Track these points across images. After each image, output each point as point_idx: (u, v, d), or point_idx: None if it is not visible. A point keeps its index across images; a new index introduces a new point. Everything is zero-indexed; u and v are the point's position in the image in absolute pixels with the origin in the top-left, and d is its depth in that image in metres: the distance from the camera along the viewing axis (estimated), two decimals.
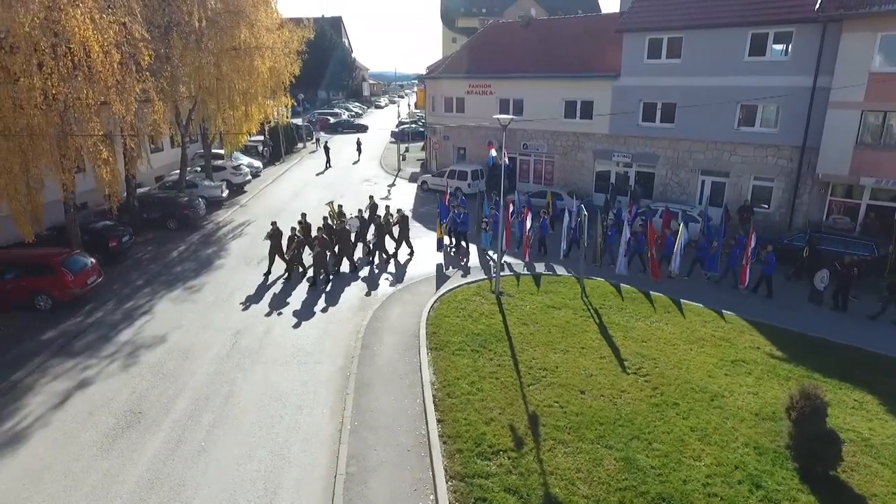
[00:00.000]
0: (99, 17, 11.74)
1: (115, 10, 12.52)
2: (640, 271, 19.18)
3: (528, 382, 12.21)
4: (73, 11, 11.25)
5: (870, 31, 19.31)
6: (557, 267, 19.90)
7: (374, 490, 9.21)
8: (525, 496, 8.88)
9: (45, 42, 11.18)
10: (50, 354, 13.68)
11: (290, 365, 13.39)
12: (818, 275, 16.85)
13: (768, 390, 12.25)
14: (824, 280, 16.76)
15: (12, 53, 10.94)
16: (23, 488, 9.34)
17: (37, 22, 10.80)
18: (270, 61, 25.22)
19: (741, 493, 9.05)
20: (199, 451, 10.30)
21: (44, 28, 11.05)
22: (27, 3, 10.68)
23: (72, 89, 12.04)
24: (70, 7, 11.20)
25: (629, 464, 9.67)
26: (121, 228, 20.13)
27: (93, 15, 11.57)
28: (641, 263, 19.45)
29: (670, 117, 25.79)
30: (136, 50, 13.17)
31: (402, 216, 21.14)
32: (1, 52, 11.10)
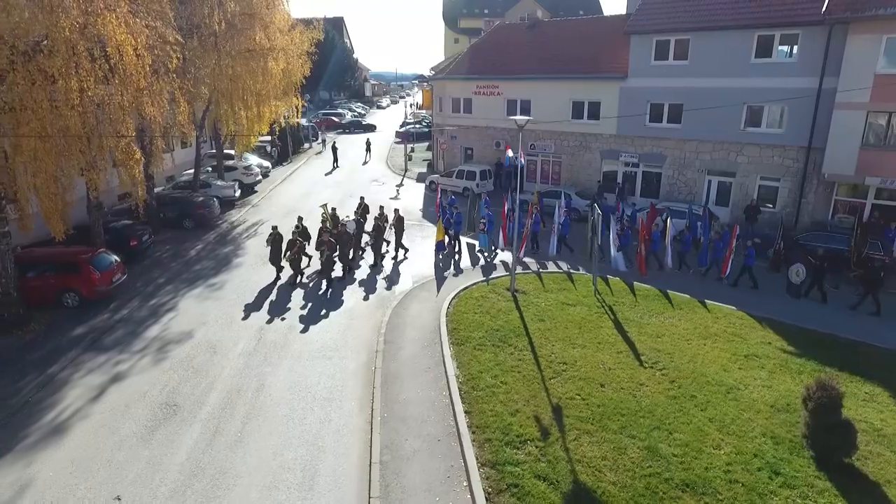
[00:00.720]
0: (133, 21, 12.12)
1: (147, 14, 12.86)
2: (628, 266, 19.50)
3: (549, 376, 12.59)
4: (109, 16, 11.61)
5: (875, 33, 19.73)
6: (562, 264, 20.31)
7: (409, 477, 9.59)
8: (555, 482, 9.26)
9: (82, 46, 11.54)
10: (82, 349, 14.05)
11: (315, 359, 13.76)
12: (792, 268, 17.57)
13: (781, 383, 12.63)
14: (800, 274, 17.43)
15: (51, 56, 11.28)
16: (70, 476, 9.70)
17: (76, 26, 11.17)
18: (284, 62, 25.61)
19: (761, 480, 9.43)
20: (236, 441, 10.67)
21: (81, 32, 11.41)
22: (67, 9, 11.05)
23: (107, 91, 12.40)
24: (106, 12, 11.56)
25: (652, 452, 10.05)
26: (141, 228, 20.50)
27: (127, 19, 11.94)
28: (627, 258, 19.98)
29: (677, 118, 26.18)
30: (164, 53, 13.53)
31: (398, 217, 21.14)
32: (40, 56, 11.44)
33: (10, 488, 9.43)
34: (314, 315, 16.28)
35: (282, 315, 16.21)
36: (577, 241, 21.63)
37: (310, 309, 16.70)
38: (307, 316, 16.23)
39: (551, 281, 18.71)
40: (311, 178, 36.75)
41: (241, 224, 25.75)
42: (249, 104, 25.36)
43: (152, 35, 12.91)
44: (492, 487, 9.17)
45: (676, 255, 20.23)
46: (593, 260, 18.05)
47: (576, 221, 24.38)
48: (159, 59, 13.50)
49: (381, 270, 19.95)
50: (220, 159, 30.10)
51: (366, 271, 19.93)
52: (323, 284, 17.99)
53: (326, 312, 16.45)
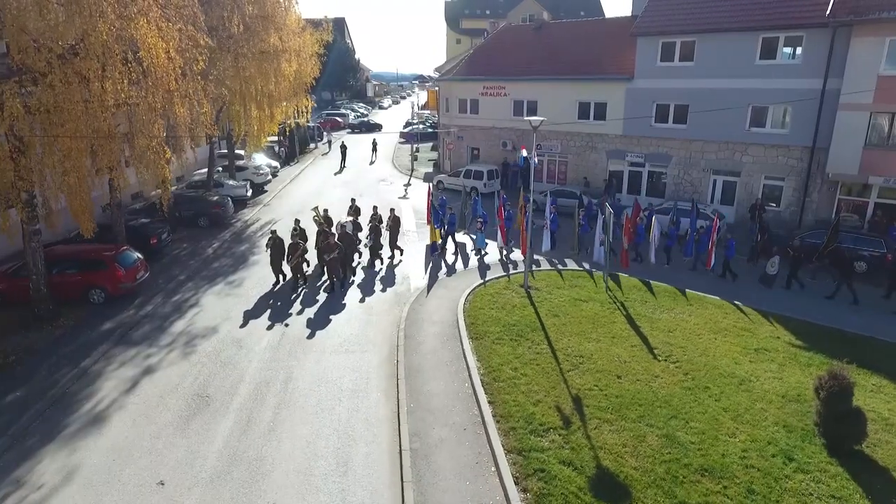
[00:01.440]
0: (166, 25, 12.52)
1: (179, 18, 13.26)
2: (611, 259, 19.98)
3: (567, 368, 13.01)
4: (142, 20, 12.01)
5: (879, 36, 20.21)
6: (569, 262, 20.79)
7: (439, 463, 10.01)
8: (579, 467, 9.69)
9: (116, 49, 11.94)
10: (112, 343, 14.45)
11: (338, 354, 14.18)
12: (770, 260, 18.32)
13: (791, 376, 13.07)
14: (775, 265, 18.25)
15: (87, 59, 11.68)
16: (114, 463, 10.11)
17: (112, 31, 11.57)
18: (296, 64, 26.01)
19: (776, 465, 9.87)
20: (269, 430, 11.08)
21: (116, 36, 11.81)
22: (104, 14, 11.44)
23: (139, 93, 12.80)
24: (140, 16, 11.96)
25: (670, 440, 10.48)
26: (159, 226, 20.90)
27: (160, 23, 12.34)
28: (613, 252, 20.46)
29: (683, 118, 26.65)
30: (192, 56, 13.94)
31: (393, 217, 21.00)
32: (76, 58, 11.84)
33: (58, 473, 9.84)
34: (333, 311, 16.68)
35: (302, 311, 16.60)
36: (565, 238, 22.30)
37: (328, 305, 17.10)
38: (326, 311, 16.63)
39: (563, 278, 19.13)
40: (319, 177, 37.16)
41: (255, 223, 26.17)
42: (262, 105, 25.76)
43: (183, 38, 13.31)
44: (519, 472, 9.59)
45: (662, 249, 20.82)
46: (606, 257, 18.49)
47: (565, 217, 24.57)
48: (188, 62, 13.90)
49: (378, 272, 19.87)
50: (231, 159, 30.51)
51: (360, 274, 19.73)
52: (331, 286, 18.01)
53: (345, 309, 16.85)
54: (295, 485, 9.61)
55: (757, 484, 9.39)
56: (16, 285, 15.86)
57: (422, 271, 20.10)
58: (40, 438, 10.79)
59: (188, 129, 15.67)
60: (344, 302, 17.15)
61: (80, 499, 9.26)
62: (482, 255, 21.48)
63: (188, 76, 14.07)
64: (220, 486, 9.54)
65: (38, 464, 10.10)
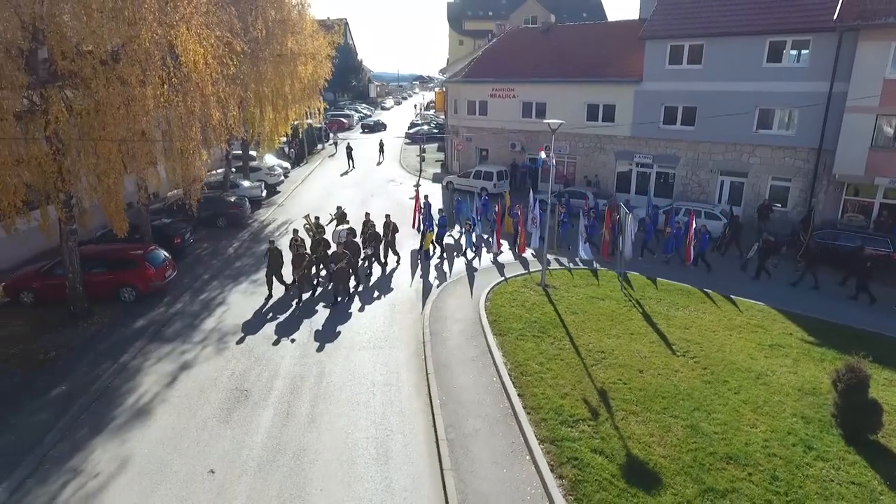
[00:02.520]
0: (205, 32, 12.97)
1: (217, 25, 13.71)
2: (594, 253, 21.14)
3: (591, 363, 13.49)
4: (182, 27, 12.46)
5: (885, 40, 20.70)
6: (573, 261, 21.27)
7: (475, 452, 10.48)
8: (610, 455, 10.16)
9: (157, 55, 12.39)
10: (147, 340, 14.89)
11: (367, 350, 14.63)
12: (751, 247, 20.32)
13: (805, 370, 13.56)
14: (753, 251, 20.16)
15: (130, 65, 12.12)
16: (164, 452, 10.56)
17: (154, 38, 12.02)
18: (312, 67, 26.47)
19: (797, 454, 10.35)
20: (309, 422, 11.54)
21: (157, 43, 12.26)
22: (146, 21, 11.88)
23: (178, 97, 13.24)
24: (181, 23, 12.40)
25: (695, 430, 10.96)
26: (183, 226, 21.33)
27: (200, 31, 12.78)
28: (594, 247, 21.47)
29: (691, 120, 27.12)
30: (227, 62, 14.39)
31: (388, 223, 20.59)
32: (118, 64, 12.27)
33: (112, 462, 10.28)
34: (357, 308, 17.13)
35: (327, 308, 17.04)
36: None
37: (352, 303, 17.54)
38: (351, 309, 17.07)
39: (577, 276, 19.60)
40: (329, 178, 37.58)
41: (272, 223, 26.62)
42: (277, 106, 26.20)
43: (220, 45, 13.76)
44: (553, 460, 10.06)
45: (639, 243, 21.73)
46: (620, 257, 18.98)
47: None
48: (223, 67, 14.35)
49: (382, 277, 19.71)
50: (246, 160, 30.94)
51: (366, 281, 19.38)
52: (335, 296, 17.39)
53: (369, 306, 17.30)
54: (339, 473, 10.07)
55: (780, 471, 9.87)
56: (49, 284, 16.28)
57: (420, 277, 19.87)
58: (89, 430, 11.23)
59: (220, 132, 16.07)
60: (350, 311, 17.06)
61: (136, 486, 9.71)
62: (471, 260, 21.40)
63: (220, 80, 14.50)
64: (269, 474, 9.99)
65: (91, 454, 10.55)
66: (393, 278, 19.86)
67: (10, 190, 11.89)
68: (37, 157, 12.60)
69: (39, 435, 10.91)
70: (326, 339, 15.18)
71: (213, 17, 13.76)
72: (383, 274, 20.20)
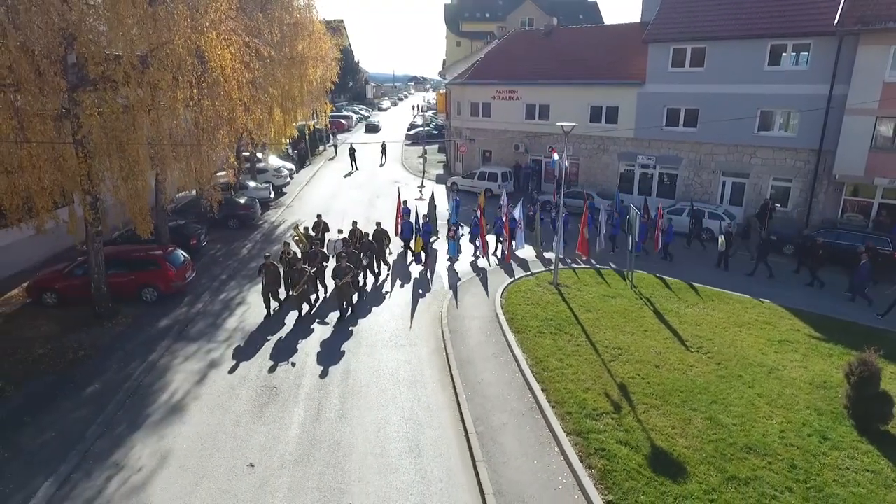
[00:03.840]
0: (234, 38, 13.27)
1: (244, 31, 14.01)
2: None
3: (608, 359, 13.91)
4: (212, 34, 12.76)
5: (884, 44, 21.28)
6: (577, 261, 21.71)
7: (505, 444, 10.86)
8: (635, 447, 10.57)
9: (188, 60, 12.69)
10: (172, 339, 15.17)
11: (388, 348, 14.99)
12: (720, 240, 21.54)
13: (815, 365, 14.03)
14: (722, 246, 21.30)
15: (161, 70, 12.41)
16: (203, 447, 10.86)
17: (187, 44, 12.31)
18: (322, 69, 26.78)
19: (812, 443, 10.80)
20: (340, 417, 11.87)
21: (188, 48, 12.56)
22: (179, 27, 12.18)
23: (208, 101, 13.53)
24: (211, 29, 12.71)
25: (714, 422, 11.39)
26: (198, 227, 21.58)
27: (228, 36, 13.09)
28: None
29: (693, 122, 27.65)
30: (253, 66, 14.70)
31: (379, 230, 20.10)
32: (149, 69, 12.56)
33: (153, 457, 10.58)
34: (375, 306, 17.47)
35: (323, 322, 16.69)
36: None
37: (369, 301, 17.87)
38: (368, 307, 17.41)
39: (585, 276, 20.04)
40: (333, 180, 37.86)
41: (282, 224, 26.89)
42: (286, 108, 26.46)
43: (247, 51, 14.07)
44: (582, 452, 10.46)
45: (609, 238, 22.91)
46: (629, 256, 19.44)
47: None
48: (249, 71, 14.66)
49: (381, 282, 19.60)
50: (253, 162, 31.17)
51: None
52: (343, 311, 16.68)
53: (387, 304, 17.64)
54: (375, 465, 10.41)
55: (798, 460, 10.31)
56: (71, 285, 16.52)
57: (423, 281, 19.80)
58: (127, 426, 11.51)
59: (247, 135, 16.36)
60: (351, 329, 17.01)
61: (179, 480, 10.01)
62: (453, 264, 21.24)
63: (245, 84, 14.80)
64: (307, 467, 10.32)
65: (132, 449, 10.83)
66: (396, 284, 19.65)
67: (46, 191, 12.14)
68: (67, 159, 12.86)
69: (79, 431, 11.18)
70: (349, 336, 15.50)
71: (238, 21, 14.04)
72: (379, 282, 19.66)
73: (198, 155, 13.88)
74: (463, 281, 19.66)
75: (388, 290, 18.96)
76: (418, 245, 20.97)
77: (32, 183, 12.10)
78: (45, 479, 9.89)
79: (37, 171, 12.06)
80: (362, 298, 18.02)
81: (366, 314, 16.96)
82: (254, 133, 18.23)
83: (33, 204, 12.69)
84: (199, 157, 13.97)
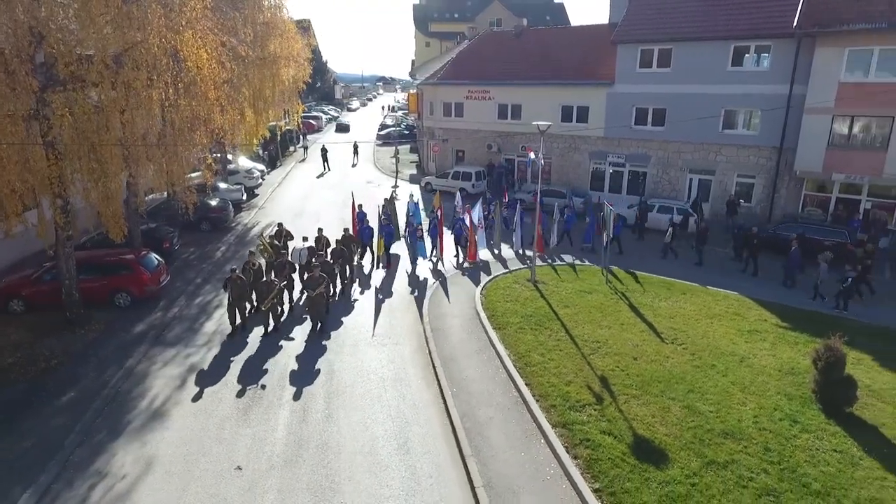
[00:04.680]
0: (211, 37, 13.08)
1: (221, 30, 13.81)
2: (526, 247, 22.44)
3: (588, 352, 14.24)
4: (188, 33, 12.56)
5: (840, 46, 22.31)
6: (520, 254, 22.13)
7: (492, 438, 11.04)
8: (618, 436, 10.88)
9: (164, 59, 12.46)
10: (149, 345, 14.86)
11: (372, 347, 15.01)
12: (668, 233, 22.53)
13: (783, 353, 14.65)
14: (668, 237, 22.39)
15: (136, 69, 12.16)
16: (187, 452, 10.71)
17: (163, 43, 12.09)
18: (294, 69, 26.53)
19: (784, 427, 11.30)
20: (326, 417, 11.86)
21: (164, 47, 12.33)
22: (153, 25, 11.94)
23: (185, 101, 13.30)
24: (187, 28, 12.50)
25: (691, 410, 11.80)
26: (170, 230, 21.13)
27: (205, 35, 12.89)
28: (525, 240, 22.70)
29: (661, 121, 28.43)
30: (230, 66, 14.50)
31: (347, 237, 19.26)
32: (124, 69, 12.28)
33: (137, 463, 10.39)
34: (355, 307, 17.44)
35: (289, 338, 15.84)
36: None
37: (349, 301, 17.83)
38: (349, 308, 17.37)
39: (561, 272, 20.42)
40: (305, 181, 37.53)
41: (255, 225, 26.55)
42: (258, 108, 26.12)
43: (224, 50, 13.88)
44: (567, 442, 10.71)
45: (561, 232, 23.48)
46: (604, 252, 19.90)
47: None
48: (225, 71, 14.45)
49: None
50: (224, 163, 30.65)
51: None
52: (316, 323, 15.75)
53: (368, 305, 17.63)
54: (365, 464, 10.45)
55: (771, 443, 10.77)
56: (40, 291, 16.03)
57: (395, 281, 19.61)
58: (108, 434, 11.26)
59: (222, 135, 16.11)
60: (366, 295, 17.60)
61: (165, 485, 9.86)
62: (415, 267, 20.80)
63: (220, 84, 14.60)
64: (296, 468, 10.29)
65: (113, 457, 10.61)
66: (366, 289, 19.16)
67: (15, 194, 11.76)
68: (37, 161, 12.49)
69: (58, 440, 10.89)
70: (329, 336, 15.44)
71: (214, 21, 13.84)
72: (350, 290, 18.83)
73: (174, 155, 13.63)
74: (435, 282, 19.77)
75: (356, 297, 18.39)
76: (380, 247, 20.51)
77: (1, 186, 11.71)
78: (24, 489, 9.61)
79: (6, 174, 11.67)
80: (328, 311, 16.61)
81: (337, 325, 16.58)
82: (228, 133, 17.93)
83: (1, 207, 12.27)
84: (175, 157, 13.71)
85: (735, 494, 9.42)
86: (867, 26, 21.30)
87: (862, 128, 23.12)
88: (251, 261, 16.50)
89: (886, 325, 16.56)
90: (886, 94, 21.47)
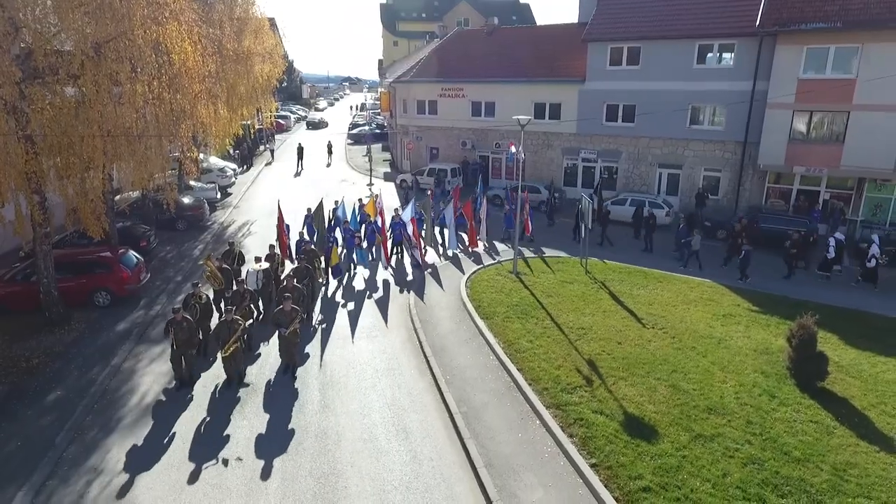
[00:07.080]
0: (196, 30, 12.92)
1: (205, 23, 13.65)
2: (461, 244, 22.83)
3: (574, 338, 14.66)
4: (173, 24, 12.39)
5: (798, 45, 23.42)
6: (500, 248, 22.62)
7: (488, 422, 11.30)
8: (610, 415, 11.29)
9: (148, 52, 12.28)
10: (133, 343, 14.60)
11: (362, 339, 15.11)
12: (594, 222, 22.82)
13: (757, 334, 15.38)
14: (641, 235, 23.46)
15: (119, 61, 11.95)
16: (185, 445, 10.63)
17: (147, 35, 11.91)
18: (269, 66, 26.26)
19: (763, 401, 11.92)
20: (323, 407, 11.92)
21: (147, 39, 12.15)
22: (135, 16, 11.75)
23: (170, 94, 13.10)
24: (171, 19, 12.34)
25: (676, 389, 12.32)
26: (147, 228, 20.69)
27: (191, 27, 12.73)
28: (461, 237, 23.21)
29: (631, 117, 29.23)
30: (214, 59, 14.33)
31: (310, 251, 17.28)
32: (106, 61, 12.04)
33: (132, 458, 10.24)
34: (343, 302, 17.47)
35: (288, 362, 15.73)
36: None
37: (335, 297, 17.84)
38: (336, 303, 17.39)
39: (537, 264, 20.83)
40: (278, 180, 37.15)
41: (231, 224, 26.19)
42: (233, 106, 25.78)
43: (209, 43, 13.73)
44: (562, 422, 11.06)
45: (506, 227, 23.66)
46: (583, 244, 20.42)
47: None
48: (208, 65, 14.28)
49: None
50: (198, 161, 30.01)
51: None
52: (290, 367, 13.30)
53: (353, 299, 17.68)
54: (365, 450, 10.57)
55: (752, 416, 11.36)
56: (13, 292, 15.54)
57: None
58: (100, 431, 11.07)
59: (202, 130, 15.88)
60: (348, 291, 17.74)
61: (165, 478, 9.78)
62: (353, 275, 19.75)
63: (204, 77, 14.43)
64: (298, 457, 10.34)
65: (108, 453, 10.44)
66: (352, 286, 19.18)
67: None
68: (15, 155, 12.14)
69: (48, 438, 10.65)
70: (317, 329, 15.44)
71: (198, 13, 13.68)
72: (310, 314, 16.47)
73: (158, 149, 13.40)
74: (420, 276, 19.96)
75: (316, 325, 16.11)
76: (334, 255, 18.23)
77: None
78: (18, 488, 9.39)
79: None
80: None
81: (324, 320, 16.87)
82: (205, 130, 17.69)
83: None
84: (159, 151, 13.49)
85: (723, 464, 9.92)
86: (824, 26, 22.46)
87: (820, 122, 24.31)
88: (196, 293, 13.71)
89: (856, 308, 17.43)
90: (841, 89, 22.67)
